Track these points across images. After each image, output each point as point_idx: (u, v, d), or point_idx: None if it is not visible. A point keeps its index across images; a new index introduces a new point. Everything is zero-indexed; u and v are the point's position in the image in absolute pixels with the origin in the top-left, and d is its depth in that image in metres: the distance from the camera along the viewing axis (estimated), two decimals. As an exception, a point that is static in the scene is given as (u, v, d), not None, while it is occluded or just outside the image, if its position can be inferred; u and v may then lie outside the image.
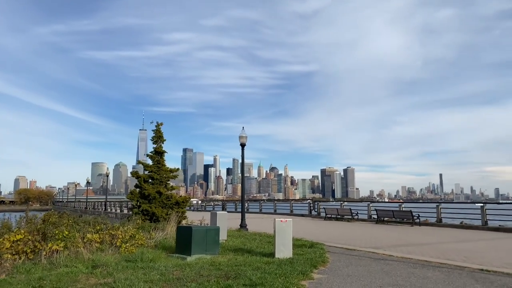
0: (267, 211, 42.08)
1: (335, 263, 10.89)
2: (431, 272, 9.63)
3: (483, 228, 22.16)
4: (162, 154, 19.88)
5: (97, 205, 65.49)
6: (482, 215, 22.74)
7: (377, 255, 12.56)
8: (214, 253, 12.48)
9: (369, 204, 29.79)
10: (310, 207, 35.34)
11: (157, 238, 15.14)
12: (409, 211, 24.89)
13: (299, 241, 15.21)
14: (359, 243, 15.87)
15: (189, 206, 61.27)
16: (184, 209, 19.69)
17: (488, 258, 11.85)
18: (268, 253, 12.38)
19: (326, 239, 17.30)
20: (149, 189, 18.47)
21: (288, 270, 9.50)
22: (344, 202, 40.35)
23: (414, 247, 14.65)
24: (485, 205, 23.20)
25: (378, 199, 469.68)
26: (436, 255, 12.43)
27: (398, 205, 27.75)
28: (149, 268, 10.13)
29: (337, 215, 30.21)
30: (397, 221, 26.02)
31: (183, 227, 13.31)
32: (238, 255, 12.28)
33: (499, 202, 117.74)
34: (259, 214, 39.77)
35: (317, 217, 33.56)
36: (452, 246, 14.83)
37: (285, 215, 37.40)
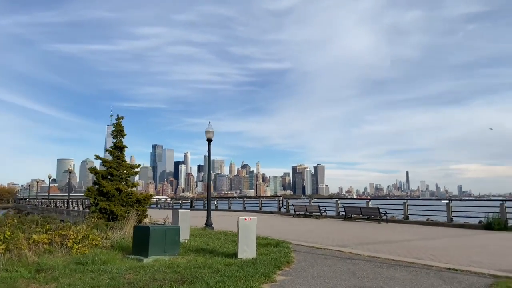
0: (237, 209, 41.44)
1: (300, 263, 10.37)
2: (398, 272, 9.25)
3: (449, 224, 22.33)
4: (123, 149, 18.85)
5: (60, 202, 62.87)
6: (447, 212, 22.93)
7: (343, 254, 12.15)
8: (173, 254, 11.73)
9: (337, 201, 29.67)
10: (279, 204, 34.96)
11: (114, 238, 14.22)
12: (377, 208, 24.85)
13: (265, 240, 14.65)
14: (326, 241, 15.48)
15: (156, 204, 59.90)
16: (146, 207, 18.76)
17: (455, 256, 11.65)
18: (232, 254, 11.75)
19: (293, 237, 16.82)
20: (107, 186, 17.44)
21: (250, 272, 8.89)
22: (313, 198, 40.26)
23: (381, 245, 14.37)
24: (450, 202, 23.40)
25: (347, 196, 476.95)
26: (403, 254, 12.15)
27: (366, 202, 27.74)
28: (99, 271, 9.29)
29: (306, 212, 29.93)
30: (365, 218, 25.94)
31: (140, 226, 12.49)
32: (199, 256, 11.58)
33: (461, 199, 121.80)
34: (228, 212, 39.08)
35: (286, 214, 33.21)
36: (419, 244, 14.65)
37: (254, 212, 36.87)
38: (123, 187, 18.04)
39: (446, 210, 23.03)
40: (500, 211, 20.29)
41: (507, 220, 20.08)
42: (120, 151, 18.75)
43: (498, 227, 19.66)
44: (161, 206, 56.34)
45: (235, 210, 41.02)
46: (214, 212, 38.90)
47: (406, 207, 25.04)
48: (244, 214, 34.46)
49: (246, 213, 36.66)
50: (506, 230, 19.57)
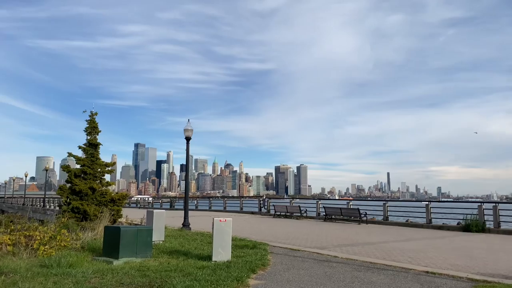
0: (218, 209, 40.96)
1: (276, 267, 10.04)
2: (376, 275, 9.00)
3: (428, 226, 22.37)
4: (97, 146, 18.21)
5: (36, 201, 61.22)
6: (426, 214, 22.97)
7: (321, 256, 11.87)
8: (145, 256, 11.26)
9: (317, 201, 29.52)
10: (260, 204, 34.64)
11: (85, 238, 13.65)
12: (357, 209, 24.76)
13: (242, 241, 14.28)
14: (304, 242, 15.21)
15: (136, 204, 58.94)
16: (120, 207, 18.16)
17: (433, 259, 11.50)
18: (206, 256, 11.33)
19: (272, 238, 16.52)
20: (80, 185, 16.81)
21: (223, 276, 8.51)
22: (294, 199, 40.07)
23: (360, 246, 14.17)
24: (429, 203, 23.46)
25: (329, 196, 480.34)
26: (382, 256, 11.95)
27: (346, 202, 27.65)
28: (64, 275, 8.77)
29: (286, 212, 29.69)
30: (345, 218, 25.84)
31: (110, 227, 11.96)
32: (172, 258, 11.14)
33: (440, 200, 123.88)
34: (208, 212, 38.58)
35: (266, 214, 32.91)
36: (398, 245, 14.51)
37: (235, 212, 36.49)
38: (97, 185, 17.43)
39: (425, 212, 23.07)
40: (478, 213, 20.39)
41: (485, 222, 20.20)
42: (94, 149, 18.11)
43: (476, 229, 19.74)
44: (141, 206, 55.38)
45: (216, 210, 40.54)
46: (194, 212, 38.41)
47: (386, 208, 25.02)
48: (224, 215, 34.03)
49: (226, 213, 36.26)
50: (483, 232, 19.67)
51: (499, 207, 20.11)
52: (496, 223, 19.83)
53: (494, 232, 19.51)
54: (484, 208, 20.39)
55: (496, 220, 19.84)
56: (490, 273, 9.40)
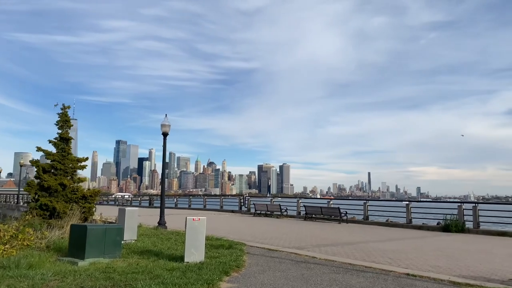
0: (197, 207, 40.26)
1: (251, 268, 9.54)
2: (355, 278, 8.59)
3: (408, 226, 22.23)
4: (69, 141, 17.38)
5: (10, 197, 59.34)
6: (407, 213, 22.83)
7: (299, 256, 11.43)
8: (114, 257, 10.60)
9: (298, 200, 29.18)
10: (241, 203, 34.11)
11: (51, 237, 12.88)
12: (337, 208, 24.49)
13: (218, 241, 13.74)
14: (283, 242, 14.76)
15: (114, 201, 57.55)
16: (93, 204, 17.38)
17: (413, 260, 11.18)
18: (179, 256, 10.75)
19: (250, 237, 16.03)
20: (49, 181, 15.98)
21: (192, 278, 7.96)
22: (274, 198, 39.70)
23: (339, 247, 13.80)
24: (410, 203, 23.34)
25: (311, 195, 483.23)
26: (361, 257, 11.57)
27: (327, 201, 27.37)
28: (21, 277, 8.09)
29: (267, 211, 29.26)
30: (326, 218, 25.55)
31: (76, 225, 11.26)
32: (142, 259, 10.53)
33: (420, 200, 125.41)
34: (187, 210, 37.84)
35: (247, 213, 32.41)
36: (378, 246, 14.19)
37: (214, 211, 35.89)
38: (68, 182, 16.62)
39: (406, 212, 22.94)
40: (458, 213, 20.31)
41: (465, 223, 20.13)
42: (66, 143, 17.28)
43: (456, 229, 19.65)
44: (119, 203, 54.13)
45: (195, 208, 39.83)
46: (173, 210, 37.60)
47: (366, 207, 24.82)
48: (204, 213, 33.38)
49: (206, 211, 35.63)
50: (463, 232, 19.59)
51: (479, 207, 20.07)
52: (476, 223, 19.78)
53: (473, 232, 19.45)
54: (464, 208, 20.32)
55: (475, 220, 19.79)
56: (472, 275, 9.10)
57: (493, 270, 9.83)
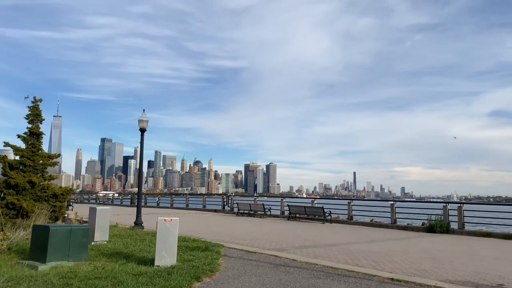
0: (180, 206, 39.40)
1: (226, 272, 8.88)
2: (336, 284, 8.00)
3: (392, 226, 21.85)
4: (39, 136, 16.41)
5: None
6: (391, 214, 22.46)
7: (279, 259, 10.81)
8: (79, 260, 9.82)
9: (282, 200, 28.64)
10: (224, 202, 33.40)
11: (14, 239, 12.01)
12: (321, 207, 24.01)
13: (195, 243, 13.06)
14: (263, 243, 14.14)
15: (95, 200, 56.26)
16: (64, 202, 16.49)
17: (398, 263, 10.67)
18: (150, 259, 10.00)
19: (229, 238, 15.37)
20: (17, 178, 15.03)
21: (159, 285, 7.28)
22: (259, 197, 39.07)
23: (322, 248, 13.23)
24: (394, 203, 22.95)
25: (297, 195, 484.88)
26: (344, 259, 11.02)
27: (311, 201, 26.88)
28: (-32, 283, 7.29)
29: (250, 210, 28.63)
30: (309, 217, 25.05)
31: (39, 225, 10.43)
32: (110, 262, 9.78)
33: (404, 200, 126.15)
34: (169, 210, 36.95)
35: (230, 212, 31.74)
36: (362, 247, 13.68)
37: (197, 210, 35.13)
38: (37, 179, 15.67)
39: (390, 212, 22.56)
40: (443, 213, 19.98)
41: (450, 223, 19.82)
42: (36, 138, 16.31)
43: (441, 229, 19.32)
44: (100, 202, 52.88)
45: (178, 207, 38.95)
46: (155, 209, 36.71)
47: (350, 207, 24.39)
48: (186, 212, 32.61)
49: (188, 211, 34.86)
50: (448, 233, 19.27)
51: (464, 207, 19.77)
52: (461, 224, 19.48)
53: (458, 233, 19.14)
54: (449, 208, 20.01)
55: (460, 221, 19.49)
56: (460, 280, 8.60)
57: (481, 274, 9.35)
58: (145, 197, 48.54)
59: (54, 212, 15.33)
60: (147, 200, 47.08)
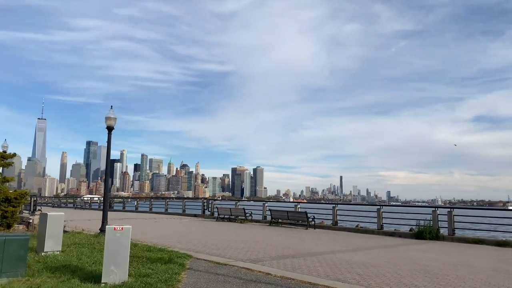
0: (159, 211, 37.75)
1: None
2: (312, 306, 6.68)
3: (379, 232, 20.69)
4: (-9, 133, 14.90)
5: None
6: (378, 218, 21.30)
7: (251, 273, 9.46)
8: (15, 275, 8.35)
9: (264, 204, 27.31)
10: (204, 206, 31.93)
11: None
12: (304, 212, 22.73)
13: (159, 253, 11.63)
14: (238, 252, 12.76)
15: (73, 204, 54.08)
16: (18, 207, 14.91)
17: (386, 277, 9.41)
18: (100, 274, 8.57)
19: (201, 247, 13.96)
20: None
21: (93, 312, 5.87)
22: (240, 201, 37.66)
23: (301, 258, 11.91)
24: (381, 207, 21.80)
25: (284, 199, 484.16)
26: (325, 272, 9.71)
27: (294, 205, 25.61)
28: None
29: (230, 215, 27.23)
30: (292, 223, 23.77)
31: (-34, 236, 8.90)
32: (53, 278, 8.33)
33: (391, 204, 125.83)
34: (147, 214, 35.29)
35: (210, 217, 30.28)
36: (346, 257, 12.41)
37: (176, 215, 33.56)
38: (-13, 181, 14.14)
39: (377, 217, 21.40)
40: (432, 218, 18.89)
41: (439, 229, 18.73)
42: (-12, 136, 14.81)
43: (430, 236, 18.23)
44: (78, 206, 50.79)
45: (156, 212, 37.29)
46: (133, 214, 35.04)
47: (335, 212, 23.19)
48: (164, 217, 31.06)
49: (167, 215, 33.27)
50: (437, 239, 18.18)
51: (454, 212, 18.68)
52: (451, 230, 18.40)
53: (448, 239, 18.05)
54: (439, 213, 18.92)
55: (451, 226, 18.41)
56: (457, 299, 7.37)
57: (480, 291, 8.16)
58: (124, 201, 46.82)
59: (5, 218, 13.75)
60: (125, 204, 45.29)
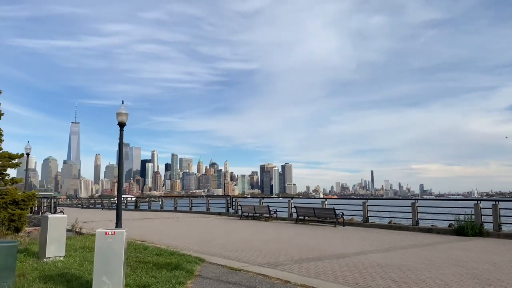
0: (183, 209, 37.06)
1: (185, 307, 6.35)
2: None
3: (414, 228, 18.99)
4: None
5: None
6: (413, 214, 19.58)
7: (268, 280, 8.23)
8: (2, 286, 7.49)
9: (289, 201, 25.95)
10: (227, 204, 30.91)
11: None
12: (332, 209, 21.25)
13: (168, 258, 10.57)
14: (256, 255, 11.56)
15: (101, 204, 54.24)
16: (26, 210, 14.23)
17: (426, 284, 7.96)
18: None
19: (218, 249, 12.84)
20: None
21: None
22: (280, 197, 36.44)
23: (327, 261, 10.58)
24: (416, 201, 20.04)
25: (314, 195, 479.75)
26: (354, 279, 8.37)
27: (321, 202, 24.13)
28: None
29: (254, 213, 26.06)
30: (319, 220, 22.36)
31: None
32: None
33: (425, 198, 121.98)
34: (171, 213, 34.61)
35: (234, 215, 29.23)
36: (378, 259, 10.97)
37: (200, 213, 32.72)
38: (-5, 183, 13.53)
39: (411, 212, 19.67)
40: (474, 213, 17.05)
41: (483, 224, 16.89)
42: (-7, 136, 14.16)
43: (472, 232, 16.43)
44: (105, 207, 50.94)
45: (181, 211, 36.62)
46: (156, 213, 34.42)
47: (366, 207, 21.58)
48: (187, 215, 30.28)
49: (191, 214, 32.50)
50: (481, 235, 16.35)
51: (500, 205, 16.78)
52: (497, 225, 16.49)
53: (494, 236, 16.20)
54: (482, 207, 17.05)
55: (496, 221, 16.50)
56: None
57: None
58: (149, 201, 46.55)
59: (12, 222, 13.07)
60: (151, 203, 44.98)
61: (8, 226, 12.88)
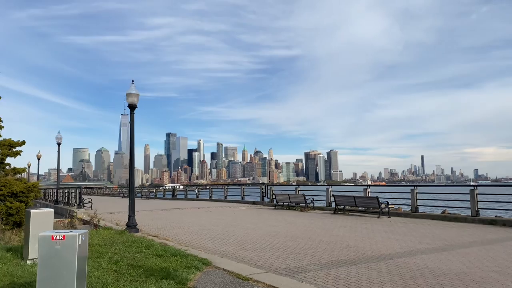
0: (218, 198, 35.65)
1: None
2: None
3: (473, 220, 16.17)
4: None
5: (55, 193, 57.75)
6: (472, 202, 16.70)
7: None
8: None
9: (328, 189, 23.58)
10: (262, 193, 29.02)
11: None
12: (375, 197, 18.69)
13: (169, 259, 8.82)
14: (277, 255, 9.54)
15: (140, 194, 53.93)
16: (30, 202, 13.04)
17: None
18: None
19: (234, 247, 10.98)
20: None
21: None
22: (325, 185, 34.17)
23: (364, 265, 8.37)
24: (475, 188, 17.11)
25: (361, 182, 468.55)
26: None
27: (363, 189, 21.59)
28: None
29: (290, 202, 23.99)
30: (361, 210, 19.93)
31: None
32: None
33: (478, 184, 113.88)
34: (205, 202, 33.29)
35: (269, 204, 27.32)
36: (430, 263, 8.60)
37: (235, 202, 31.12)
38: (-5, 174, 12.41)
39: (470, 200, 16.78)
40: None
41: None
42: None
43: (549, 225, 13.45)
44: (144, 196, 50.52)
45: (216, 199, 35.21)
46: (189, 202, 33.18)
47: (414, 195, 18.88)
48: (221, 205, 28.78)
49: (225, 203, 30.95)
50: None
51: None
52: None
53: None
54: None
55: None
56: None
57: None
58: (186, 189, 45.71)
59: (11, 216, 11.88)
60: (187, 192, 44.08)
61: (6, 220, 11.75)
